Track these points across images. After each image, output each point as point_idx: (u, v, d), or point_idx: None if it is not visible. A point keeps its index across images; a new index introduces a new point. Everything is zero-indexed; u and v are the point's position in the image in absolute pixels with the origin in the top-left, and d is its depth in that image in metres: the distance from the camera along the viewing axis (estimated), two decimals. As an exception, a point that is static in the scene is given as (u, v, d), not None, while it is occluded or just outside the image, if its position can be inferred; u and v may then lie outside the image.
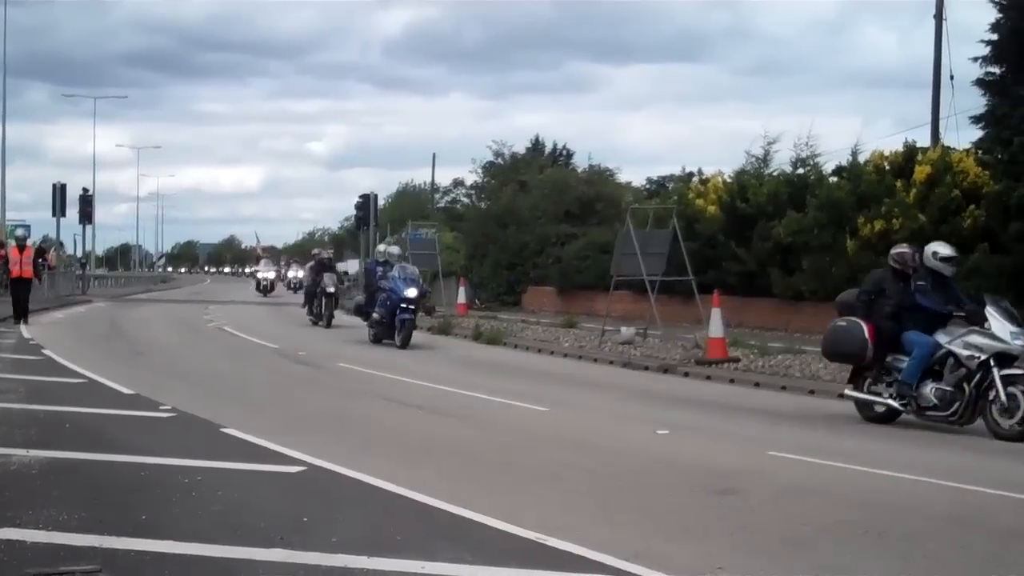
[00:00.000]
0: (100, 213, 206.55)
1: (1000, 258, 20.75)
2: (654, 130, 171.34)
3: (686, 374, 16.87)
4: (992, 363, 10.92)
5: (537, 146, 50.75)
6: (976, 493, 8.11)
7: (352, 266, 60.50)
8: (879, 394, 11.84)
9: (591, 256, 33.20)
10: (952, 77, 27.46)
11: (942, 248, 12.17)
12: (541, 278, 37.30)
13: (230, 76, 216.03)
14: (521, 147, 49.72)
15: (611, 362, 18.67)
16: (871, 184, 23.74)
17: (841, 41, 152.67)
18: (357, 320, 23.75)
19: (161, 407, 11.35)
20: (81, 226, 48.55)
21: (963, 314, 11.46)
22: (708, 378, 16.35)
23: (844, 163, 26.76)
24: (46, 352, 17.43)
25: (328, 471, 8.17)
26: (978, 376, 11.00)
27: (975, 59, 21.10)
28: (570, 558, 5.87)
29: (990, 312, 11.20)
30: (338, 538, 6.13)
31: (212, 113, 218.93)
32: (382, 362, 17.37)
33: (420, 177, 75.80)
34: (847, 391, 12.27)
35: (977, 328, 11.22)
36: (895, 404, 11.65)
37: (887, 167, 24.42)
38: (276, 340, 21.52)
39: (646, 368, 17.70)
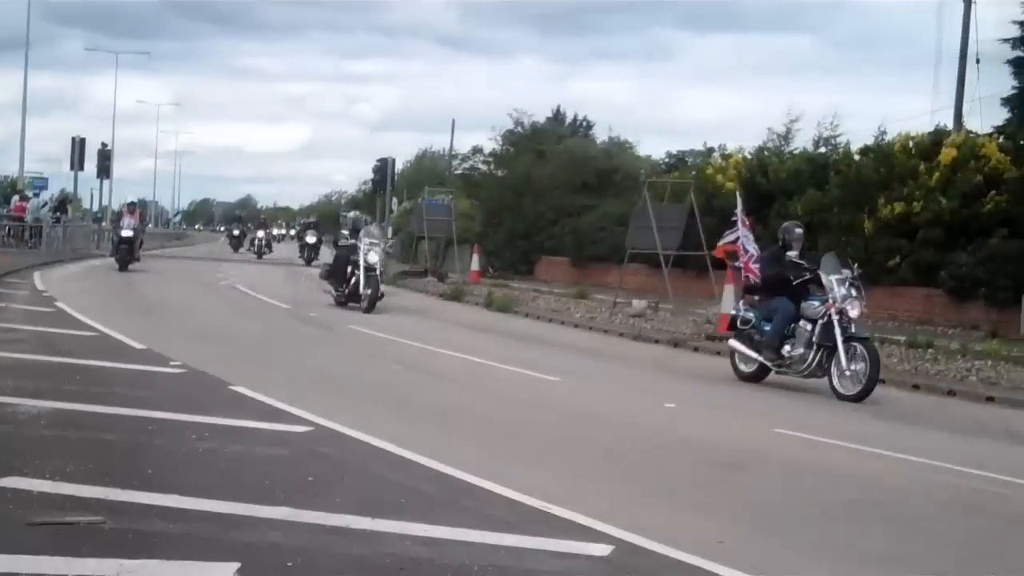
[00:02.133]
0: (126, 168, 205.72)
1: (1020, 243, 20.63)
2: (719, 102, 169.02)
3: (696, 349, 16.85)
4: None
5: (558, 116, 50.51)
6: (982, 478, 8.10)
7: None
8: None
9: (606, 228, 33.16)
10: (978, 61, 27.24)
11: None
12: (555, 248, 37.27)
13: (290, 31, 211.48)
14: (542, 116, 49.50)
15: (621, 334, 18.66)
16: (901, 165, 23.57)
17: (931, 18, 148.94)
18: None
19: (171, 363, 11.38)
20: (99, 180, 48.68)
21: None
22: (718, 354, 16.28)
23: (870, 143, 26.57)
24: (59, 304, 17.50)
25: (335, 432, 8.18)
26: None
27: (1005, 40, 20.88)
28: (573, 527, 5.88)
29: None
30: (342, 498, 6.15)
31: (265, 69, 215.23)
32: (394, 326, 17.38)
33: (463, 143, 75.67)
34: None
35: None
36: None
37: (913, 149, 24.25)
38: (288, 301, 21.57)
39: (656, 341, 17.70)
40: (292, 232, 72.79)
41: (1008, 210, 21.53)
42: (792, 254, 13.16)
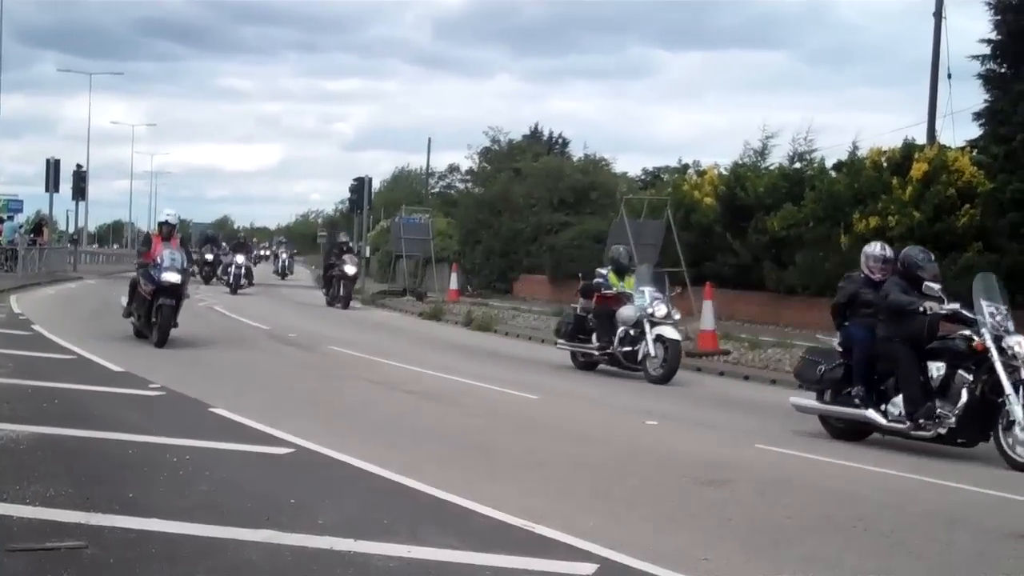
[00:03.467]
0: (102, 189, 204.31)
1: (995, 256, 20.79)
2: (694, 119, 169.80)
3: (676, 365, 16.84)
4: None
5: (535, 134, 50.65)
6: (961, 491, 8.15)
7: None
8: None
9: (584, 245, 33.19)
10: (950, 76, 27.50)
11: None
12: (533, 266, 37.30)
13: (265, 52, 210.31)
14: (518, 134, 49.64)
15: (602, 351, 18.66)
16: (870, 180, 23.77)
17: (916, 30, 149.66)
18: None
19: (150, 385, 11.33)
20: (74, 202, 48.38)
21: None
22: (698, 370, 16.36)
23: (843, 158, 26.78)
24: (36, 327, 17.39)
25: (316, 453, 8.16)
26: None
27: (975, 56, 21.11)
28: (557, 546, 5.88)
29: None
30: (325, 520, 6.13)
31: (240, 89, 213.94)
32: (372, 346, 17.35)
33: (441, 161, 75.78)
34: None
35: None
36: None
37: (884, 163, 24.45)
38: (267, 322, 21.49)
39: (637, 358, 17.69)
40: (266, 253, 70.13)
41: (982, 224, 21.71)
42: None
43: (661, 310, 14.86)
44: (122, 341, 16.36)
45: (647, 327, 14.72)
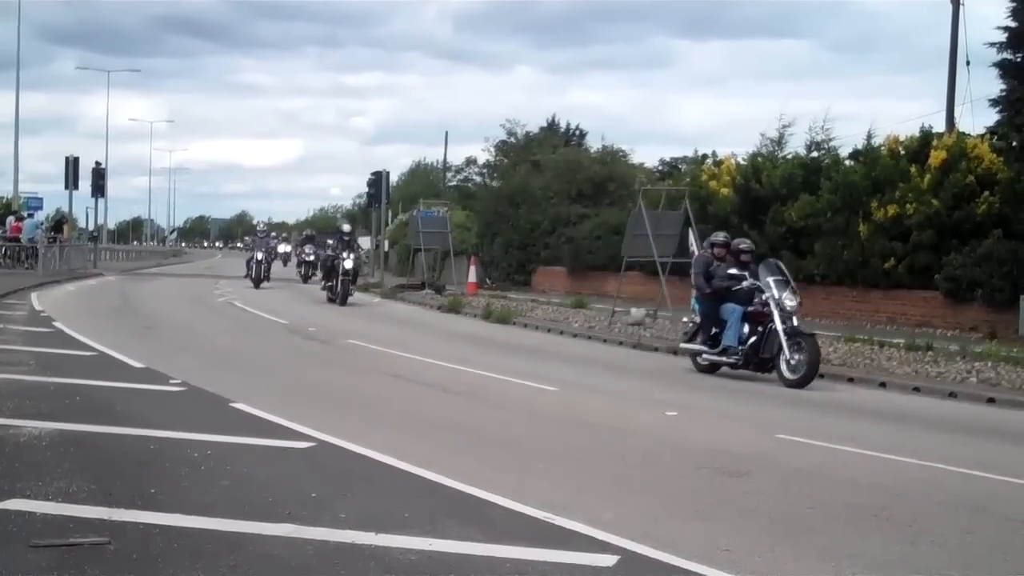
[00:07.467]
0: (121, 186, 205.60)
1: (1015, 244, 20.66)
2: (716, 109, 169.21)
3: (696, 356, 16.81)
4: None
5: (552, 126, 50.59)
6: (984, 479, 8.10)
7: (364, 243, 60.37)
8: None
9: (602, 237, 33.19)
10: (968, 63, 27.36)
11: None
12: (552, 258, 37.29)
13: (285, 47, 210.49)
14: (535, 126, 49.60)
15: (621, 343, 18.67)
16: (887, 168, 23.64)
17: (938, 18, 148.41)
18: None
19: (171, 381, 11.38)
20: (94, 199, 48.58)
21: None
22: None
23: (861, 147, 26.64)
24: (57, 324, 17.48)
25: (337, 447, 8.18)
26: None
27: (992, 44, 20.94)
28: (577, 537, 5.88)
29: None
30: (346, 514, 6.14)
31: (259, 85, 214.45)
32: (391, 339, 17.37)
33: (458, 154, 75.68)
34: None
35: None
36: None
37: (902, 152, 24.31)
38: (285, 316, 21.55)
39: (656, 349, 17.69)
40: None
41: (1001, 211, 21.57)
42: None
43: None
44: (142, 337, 16.44)
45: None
